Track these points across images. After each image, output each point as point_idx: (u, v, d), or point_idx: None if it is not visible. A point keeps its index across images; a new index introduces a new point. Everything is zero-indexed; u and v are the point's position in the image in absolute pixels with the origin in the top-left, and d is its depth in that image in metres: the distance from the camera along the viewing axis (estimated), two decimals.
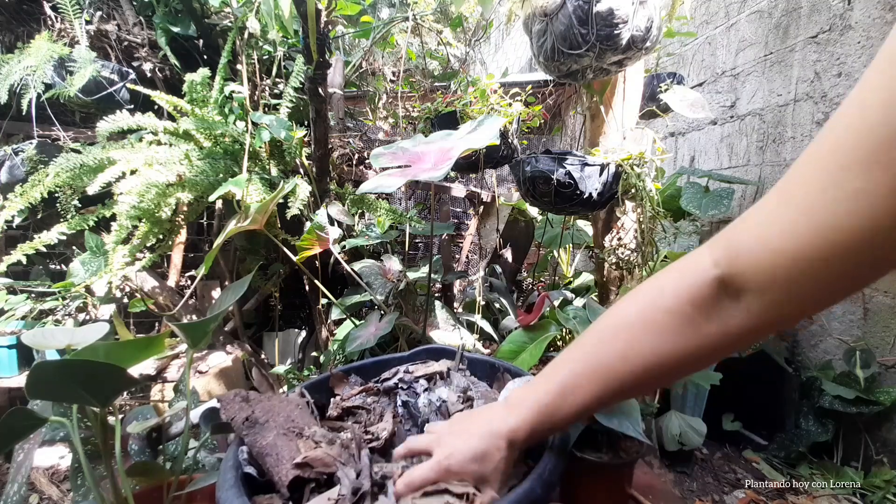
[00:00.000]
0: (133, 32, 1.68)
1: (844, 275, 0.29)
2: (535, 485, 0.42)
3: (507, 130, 1.51)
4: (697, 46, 2.19)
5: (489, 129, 0.90)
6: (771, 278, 0.32)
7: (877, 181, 0.26)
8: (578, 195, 1.18)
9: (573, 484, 0.85)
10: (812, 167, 0.30)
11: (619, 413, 0.77)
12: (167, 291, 1.53)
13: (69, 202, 1.32)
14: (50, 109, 1.41)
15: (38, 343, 0.58)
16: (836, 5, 1.50)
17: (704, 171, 1.75)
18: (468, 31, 2.36)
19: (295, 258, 1.22)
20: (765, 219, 0.33)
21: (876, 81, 0.27)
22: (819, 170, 0.29)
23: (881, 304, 1.38)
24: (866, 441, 1.34)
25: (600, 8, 1.01)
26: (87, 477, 0.58)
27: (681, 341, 0.38)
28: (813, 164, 0.30)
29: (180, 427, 0.77)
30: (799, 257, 0.30)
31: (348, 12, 1.70)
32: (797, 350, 1.66)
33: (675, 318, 0.38)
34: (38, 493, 1.14)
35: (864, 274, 0.30)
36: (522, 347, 0.92)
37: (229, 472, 0.47)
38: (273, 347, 1.71)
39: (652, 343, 0.39)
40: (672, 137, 2.36)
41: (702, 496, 1.27)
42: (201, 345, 0.63)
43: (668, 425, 1.25)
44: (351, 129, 2.09)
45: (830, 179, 0.28)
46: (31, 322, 1.34)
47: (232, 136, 1.39)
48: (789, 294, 0.32)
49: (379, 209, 1.54)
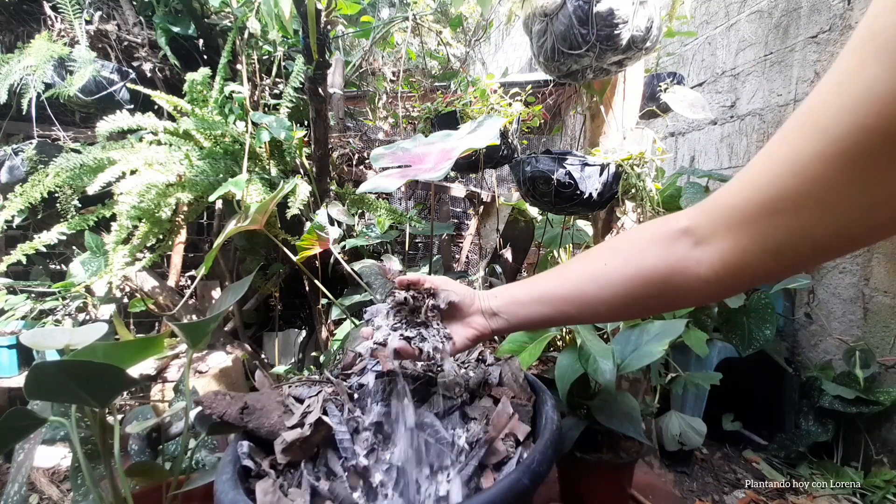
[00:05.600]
0: (133, 32, 1.68)
1: (801, 211, 0.31)
2: (523, 475, 0.42)
3: (507, 130, 1.50)
4: (697, 46, 2.19)
5: (489, 129, 0.90)
6: (737, 224, 0.35)
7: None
8: (578, 195, 1.18)
9: (573, 484, 0.85)
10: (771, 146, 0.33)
11: (619, 413, 0.77)
12: (167, 291, 1.52)
13: (69, 202, 1.32)
14: (50, 109, 1.41)
15: (37, 343, 0.58)
16: (836, 5, 1.50)
17: (704, 171, 1.75)
18: (468, 31, 2.36)
19: (295, 258, 1.22)
20: (732, 182, 0.36)
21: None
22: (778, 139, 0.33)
23: (881, 304, 1.38)
24: (866, 441, 1.34)
25: (600, 8, 1.00)
26: (87, 477, 0.58)
27: (628, 263, 0.43)
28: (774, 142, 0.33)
29: (180, 427, 0.77)
30: (765, 201, 0.32)
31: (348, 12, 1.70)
32: (797, 350, 1.66)
33: (632, 243, 0.44)
34: (38, 493, 1.14)
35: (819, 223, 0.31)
36: (522, 347, 0.92)
37: (227, 467, 0.47)
38: (273, 347, 1.70)
39: (601, 259, 0.46)
40: (672, 137, 2.36)
41: (702, 496, 1.27)
42: (201, 345, 0.63)
43: (668, 425, 1.25)
44: (351, 129, 2.10)
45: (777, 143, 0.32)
46: (31, 322, 1.34)
47: (232, 136, 1.39)
48: (756, 238, 0.34)
49: (379, 209, 1.54)
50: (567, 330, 1.02)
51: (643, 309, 0.48)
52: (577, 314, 0.49)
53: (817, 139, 0.29)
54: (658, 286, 0.41)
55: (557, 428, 0.51)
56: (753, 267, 0.35)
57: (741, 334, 1.46)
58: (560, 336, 1.09)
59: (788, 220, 0.32)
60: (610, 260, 0.45)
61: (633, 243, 0.44)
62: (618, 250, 0.46)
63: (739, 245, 0.35)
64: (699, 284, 0.39)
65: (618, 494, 0.84)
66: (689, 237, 0.39)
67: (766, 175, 0.32)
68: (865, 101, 0.26)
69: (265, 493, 0.44)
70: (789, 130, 0.31)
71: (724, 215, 0.36)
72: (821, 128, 0.28)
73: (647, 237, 0.43)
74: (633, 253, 0.43)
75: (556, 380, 0.78)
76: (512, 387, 0.59)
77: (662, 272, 0.41)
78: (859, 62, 0.27)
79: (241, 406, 0.52)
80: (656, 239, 0.42)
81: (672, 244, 0.40)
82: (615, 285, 0.44)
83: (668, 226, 0.41)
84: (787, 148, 0.31)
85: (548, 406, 0.54)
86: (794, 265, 0.35)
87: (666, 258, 0.40)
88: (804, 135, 0.30)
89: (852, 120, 0.27)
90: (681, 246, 0.39)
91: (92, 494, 0.60)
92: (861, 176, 0.27)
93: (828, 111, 0.28)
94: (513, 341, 0.93)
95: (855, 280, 1.46)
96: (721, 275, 0.37)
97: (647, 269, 0.42)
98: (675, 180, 1.75)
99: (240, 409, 0.52)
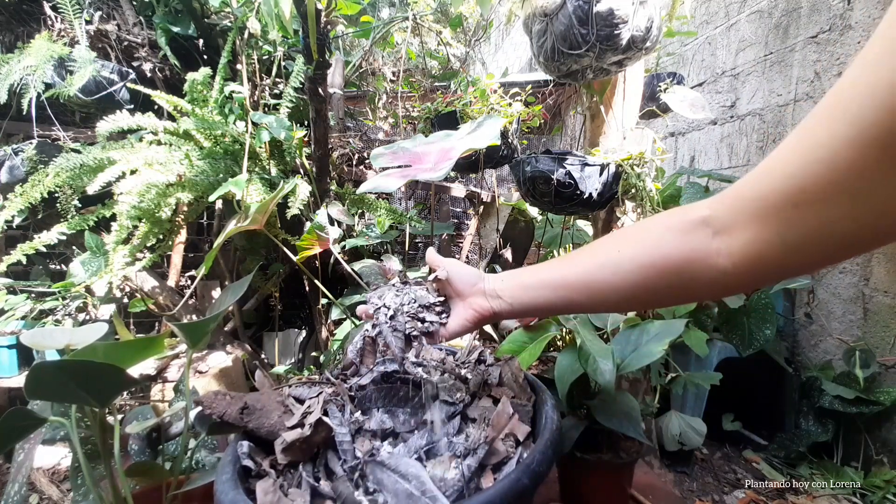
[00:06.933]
0: (133, 32, 1.68)
1: (823, 205, 0.30)
2: (523, 475, 0.42)
3: (507, 130, 1.51)
4: (697, 46, 2.19)
5: (489, 129, 0.90)
6: (760, 214, 0.34)
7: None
8: (578, 195, 1.18)
9: (573, 484, 0.85)
10: (793, 138, 0.32)
11: (619, 413, 0.77)
12: (167, 291, 1.52)
13: (69, 202, 1.32)
14: (50, 109, 1.41)
15: (37, 343, 0.58)
16: (836, 5, 1.50)
17: (704, 171, 1.75)
18: (468, 31, 2.36)
19: (295, 258, 1.22)
20: (755, 172, 0.35)
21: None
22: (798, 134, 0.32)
23: (881, 304, 1.38)
24: (866, 441, 1.34)
25: (600, 8, 1.01)
26: (87, 477, 0.58)
27: (646, 251, 0.42)
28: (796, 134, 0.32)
29: (180, 427, 0.77)
30: (790, 191, 0.31)
31: (348, 12, 1.70)
32: (797, 350, 1.66)
33: (647, 232, 0.43)
34: (38, 493, 1.14)
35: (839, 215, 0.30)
36: (522, 347, 0.92)
37: (227, 467, 0.47)
38: (273, 347, 1.71)
39: (615, 246, 0.44)
40: (672, 137, 2.36)
41: (702, 496, 1.27)
42: (201, 345, 0.63)
43: (668, 425, 1.25)
44: (351, 129, 2.09)
45: (801, 134, 0.31)
46: (31, 322, 1.34)
47: (232, 136, 1.39)
48: (779, 229, 0.33)
49: (379, 209, 1.54)
50: (567, 330, 1.02)
51: (655, 299, 0.46)
52: (584, 301, 0.48)
53: (846, 126, 0.27)
54: (673, 276, 0.40)
55: (557, 428, 0.51)
56: (774, 260, 0.34)
57: (741, 334, 1.46)
58: (560, 336, 1.09)
59: (814, 212, 0.30)
60: (623, 247, 0.44)
61: (648, 232, 0.43)
62: (632, 238, 0.44)
63: (761, 236, 0.34)
64: (716, 275, 0.38)
65: (618, 494, 0.84)
66: (708, 227, 0.38)
67: (792, 164, 0.31)
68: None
69: (265, 492, 0.44)
70: (815, 119, 0.30)
71: (746, 205, 0.35)
72: (850, 114, 0.27)
73: (663, 225, 0.41)
74: (649, 241, 0.42)
75: (556, 380, 0.78)
76: (512, 387, 0.58)
77: (679, 261, 0.39)
78: (891, 46, 0.26)
79: (241, 406, 0.52)
80: (674, 227, 0.40)
81: (690, 233, 0.39)
82: (628, 273, 0.43)
83: (686, 214, 0.40)
84: (813, 136, 0.30)
85: (548, 406, 0.54)
86: (817, 259, 0.34)
87: (683, 247, 0.39)
88: (832, 122, 0.28)
89: (885, 104, 0.25)
90: (699, 235, 0.38)
91: (92, 494, 0.60)
92: (892, 163, 0.26)
93: (858, 97, 0.27)
94: (513, 341, 0.93)
95: (855, 280, 1.46)
96: (740, 267, 0.36)
97: (663, 258, 0.40)
98: (675, 180, 1.75)
99: (240, 409, 0.52)
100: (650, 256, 0.41)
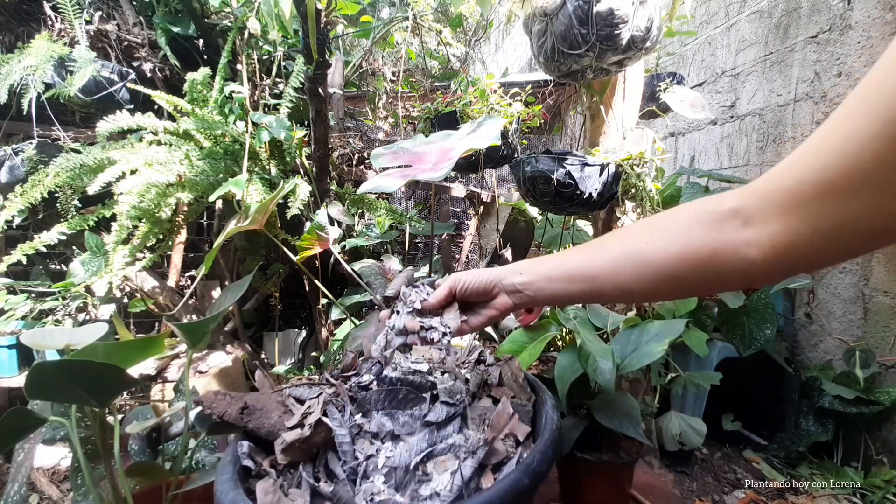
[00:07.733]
0: (133, 32, 1.68)
1: (851, 197, 0.31)
2: (523, 475, 0.42)
3: (507, 130, 1.51)
4: (697, 46, 2.19)
5: (489, 129, 0.90)
6: (790, 205, 0.34)
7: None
8: (578, 195, 1.18)
9: (573, 484, 0.85)
10: (829, 126, 0.32)
11: (619, 413, 0.77)
12: (167, 291, 1.52)
13: (69, 202, 1.32)
14: (50, 109, 1.41)
15: (37, 343, 0.58)
16: (836, 5, 1.50)
17: (704, 171, 1.75)
18: (468, 31, 2.36)
19: (295, 258, 1.22)
20: (784, 164, 0.36)
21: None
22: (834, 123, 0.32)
23: (881, 304, 1.38)
24: (866, 441, 1.34)
25: (600, 8, 1.01)
26: (87, 477, 0.58)
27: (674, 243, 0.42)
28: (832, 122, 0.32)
29: (180, 427, 0.77)
30: (820, 182, 0.32)
31: (348, 12, 1.70)
32: (797, 350, 1.66)
33: (675, 223, 0.43)
34: (38, 493, 1.14)
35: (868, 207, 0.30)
36: (522, 347, 0.92)
37: (227, 467, 0.47)
38: (273, 347, 1.71)
39: (644, 237, 0.44)
40: (672, 137, 2.36)
41: (702, 496, 1.27)
42: (201, 345, 0.63)
43: (668, 425, 1.25)
44: (351, 129, 2.09)
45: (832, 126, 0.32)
46: (31, 322, 1.34)
47: (232, 136, 1.39)
48: (809, 220, 0.33)
49: (379, 209, 1.54)
50: (567, 330, 1.02)
51: (683, 290, 0.47)
52: (609, 292, 0.48)
53: (873, 121, 0.28)
54: (702, 267, 0.40)
55: (557, 428, 0.51)
56: (804, 250, 0.34)
57: (741, 334, 1.46)
58: (560, 336, 1.09)
59: (844, 203, 0.31)
60: (651, 238, 0.44)
61: (675, 223, 0.43)
62: (659, 229, 0.44)
63: (791, 227, 0.34)
64: (746, 266, 0.38)
65: (618, 494, 0.84)
66: (737, 218, 0.38)
67: (820, 157, 0.32)
68: None
69: (265, 492, 0.44)
70: (844, 112, 0.31)
71: (776, 196, 0.35)
72: (877, 110, 0.28)
73: (690, 217, 0.41)
74: (677, 232, 0.42)
75: (556, 380, 0.78)
76: (512, 387, 0.58)
77: (708, 253, 0.39)
78: None
79: (241, 406, 0.52)
80: (702, 219, 0.40)
81: (719, 224, 0.39)
82: (655, 264, 0.43)
83: (714, 205, 0.40)
84: (842, 129, 0.31)
85: (548, 406, 0.54)
86: (845, 249, 0.34)
87: (712, 238, 0.39)
88: (861, 116, 0.29)
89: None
90: (729, 226, 0.38)
91: (92, 494, 0.60)
92: None
93: (888, 91, 0.28)
94: (513, 341, 0.93)
95: (855, 280, 1.46)
96: (770, 257, 0.36)
97: (692, 249, 0.40)
98: (675, 180, 1.75)
99: (240, 409, 0.52)
100: (680, 248, 0.41)
